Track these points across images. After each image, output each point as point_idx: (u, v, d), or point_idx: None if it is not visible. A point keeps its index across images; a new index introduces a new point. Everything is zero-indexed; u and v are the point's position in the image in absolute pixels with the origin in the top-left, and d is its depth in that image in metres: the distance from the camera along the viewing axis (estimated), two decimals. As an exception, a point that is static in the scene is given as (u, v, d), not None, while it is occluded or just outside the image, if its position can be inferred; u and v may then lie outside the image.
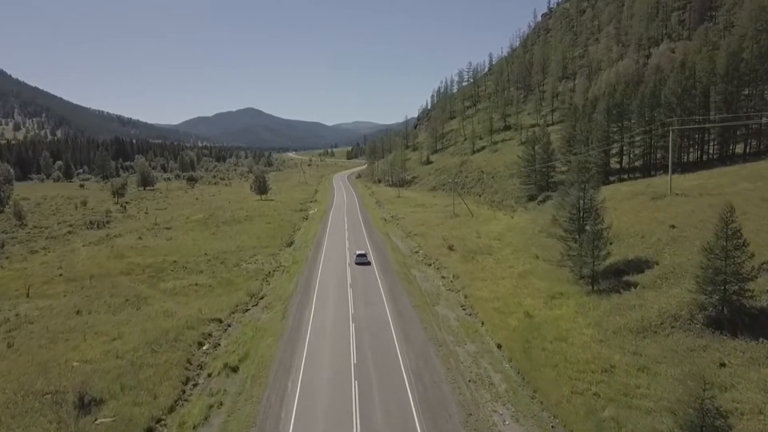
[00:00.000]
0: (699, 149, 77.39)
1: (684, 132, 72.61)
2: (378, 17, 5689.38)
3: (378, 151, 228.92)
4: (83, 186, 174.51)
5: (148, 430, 23.29)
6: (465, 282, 44.87)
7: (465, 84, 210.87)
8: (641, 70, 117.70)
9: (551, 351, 29.06)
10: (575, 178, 42.78)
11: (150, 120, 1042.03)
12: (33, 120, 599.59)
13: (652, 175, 75.53)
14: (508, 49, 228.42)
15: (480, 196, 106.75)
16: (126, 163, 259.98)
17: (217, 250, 63.29)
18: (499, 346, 30.97)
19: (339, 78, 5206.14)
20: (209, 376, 28.72)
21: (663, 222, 45.26)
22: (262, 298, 43.66)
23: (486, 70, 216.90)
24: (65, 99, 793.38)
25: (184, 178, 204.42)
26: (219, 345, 33.32)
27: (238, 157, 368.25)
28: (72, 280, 50.47)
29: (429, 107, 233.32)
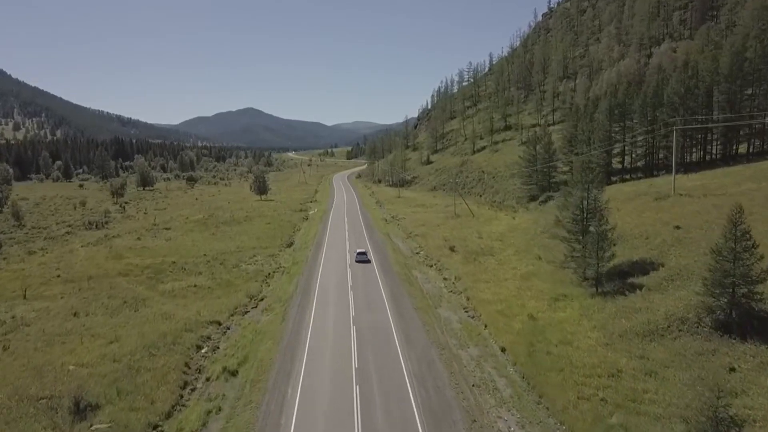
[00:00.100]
0: (702, 149, 76.83)
1: (686, 132, 72.06)
2: (378, 17, 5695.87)
3: (378, 151, 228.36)
4: (82, 186, 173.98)
5: (144, 436, 22.73)
6: (467, 283, 44.31)
7: (465, 84, 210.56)
8: (642, 69, 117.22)
9: (556, 355, 28.48)
10: (579, 178, 42.18)
11: (150, 120, 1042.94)
12: (33, 120, 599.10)
13: (654, 176, 74.99)
14: (508, 49, 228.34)
15: (481, 196, 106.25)
16: (125, 163, 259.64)
17: (217, 250, 62.73)
18: (503, 349, 30.40)
19: (339, 78, 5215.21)
20: (207, 380, 28.16)
21: (667, 223, 44.70)
22: (261, 299, 43.06)
23: (486, 69, 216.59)
24: (65, 99, 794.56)
25: (183, 178, 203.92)
26: (218, 348, 32.73)
27: (237, 157, 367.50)
28: (70, 281, 49.92)
29: (429, 107, 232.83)
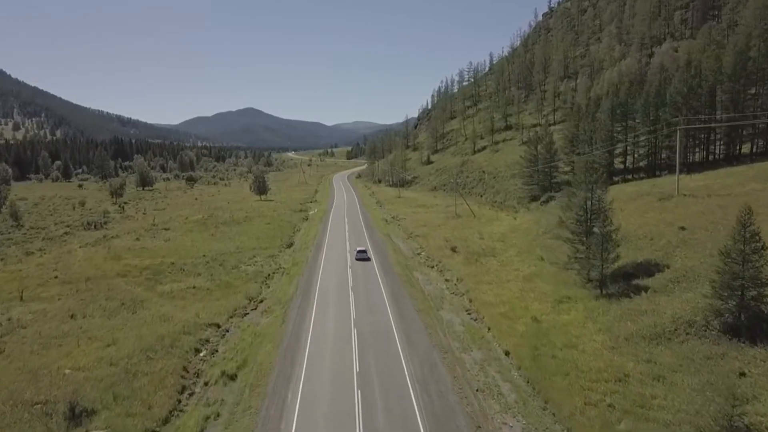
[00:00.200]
0: (704, 149, 76.35)
1: (689, 132, 71.53)
2: (378, 17, 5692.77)
3: (378, 151, 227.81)
4: (82, 186, 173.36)
5: (141, 443, 22.23)
6: (469, 285, 43.77)
7: (465, 84, 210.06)
8: (644, 69, 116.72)
9: (561, 359, 27.94)
10: (582, 178, 41.63)
11: (150, 120, 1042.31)
12: (32, 120, 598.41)
13: (657, 176, 74.48)
14: (508, 49, 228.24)
15: (481, 196, 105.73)
16: (125, 163, 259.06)
17: (216, 251, 62.20)
18: (507, 353, 29.85)
19: (339, 78, 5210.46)
20: (206, 384, 27.64)
21: (672, 224, 44.17)
22: (261, 301, 42.53)
23: (487, 69, 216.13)
24: (65, 99, 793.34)
25: (183, 178, 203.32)
26: (216, 351, 32.19)
27: (237, 157, 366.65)
28: (67, 282, 49.39)
29: (429, 107, 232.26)
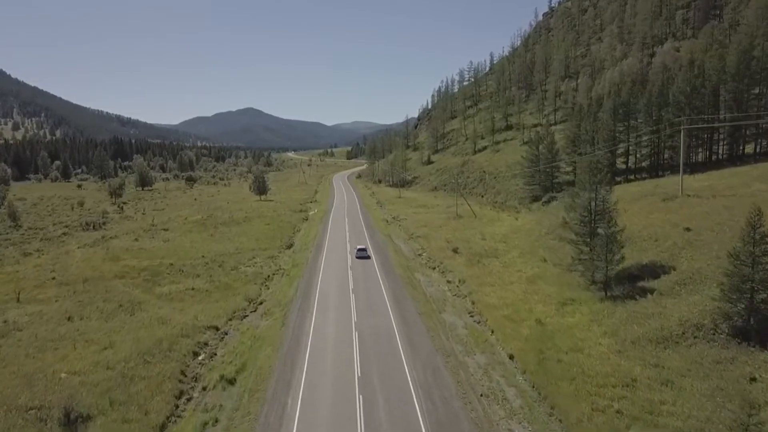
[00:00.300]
0: (707, 149, 75.80)
1: (692, 132, 70.98)
2: (378, 17, 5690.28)
3: (378, 151, 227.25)
4: (81, 186, 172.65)
5: (137, 450, 21.67)
6: (472, 287, 43.19)
7: (466, 83, 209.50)
8: (645, 69, 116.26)
9: (567, 363, 27.36)
10: (586, 178, 41.10)
11: (149, 120, 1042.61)
12: (32, 120, 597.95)
13: (659, 176, 73.96)
14: (509, 49, 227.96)
15: (482, 196, 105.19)
16: (124, 163, 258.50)
17: (215, 252, 61.62)
18: (511, 356, 29.26)
19: (339, 78, 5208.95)
20: (204, 389, 27.06)
21: (677, 224, 43.62)
22: (260, 303, 41.95)
23: (487, 69, 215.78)
24: (65, 99, 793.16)
25: (182, 178, 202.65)
26: (215, 355, 31.62)
27: (237, 157, 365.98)
28: (65, 283, 48.80)
29: (429, 107, 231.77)
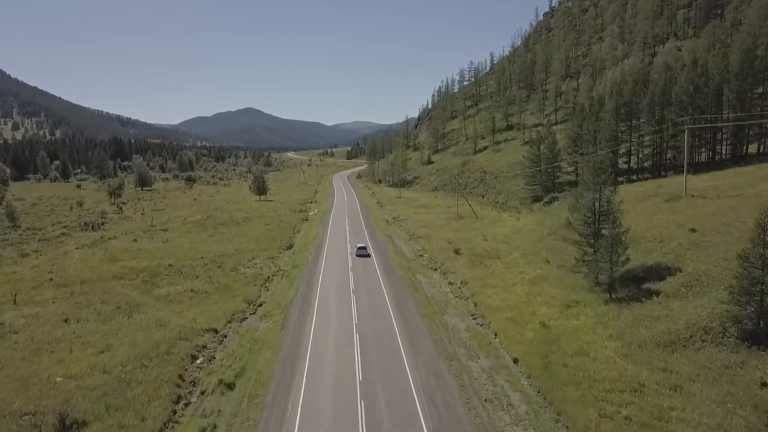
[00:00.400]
0: (711, 149, 75.29)
1: (695, 131, 70.47)
2: (378, 17, 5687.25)
3: (378, 151, 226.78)
4: (80, 186, 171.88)
5: (133, 458, 21.12)
6: (474, 288, 42.64)
7: (466, 83, 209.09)
8: (647, 68, 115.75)
9: (573, 367, 26.81)
10: (590, 178, 40.57)
11: (149, 120, 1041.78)
12: (32, 120, 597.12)
13: (662, 176, 73.49)
14: (509, 48, 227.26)
15: (483, 196, 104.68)
16: (124, 163, 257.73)
17: (215, 253, 61.04)
18: (516, 360, 28.71)
19: (339, 78, 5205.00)
20: (202, 394, 26.50)
21: (682, 225, 43.09)
22: (260, 305, 41.36)
23: (487, 69, 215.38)
24: (64, 99, 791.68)
25: (182, 178, 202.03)
26: (214, 358, 31.03)
27: (237, 157, 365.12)
28: (62, 285, 48.22)
29: (430, 107, 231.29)
